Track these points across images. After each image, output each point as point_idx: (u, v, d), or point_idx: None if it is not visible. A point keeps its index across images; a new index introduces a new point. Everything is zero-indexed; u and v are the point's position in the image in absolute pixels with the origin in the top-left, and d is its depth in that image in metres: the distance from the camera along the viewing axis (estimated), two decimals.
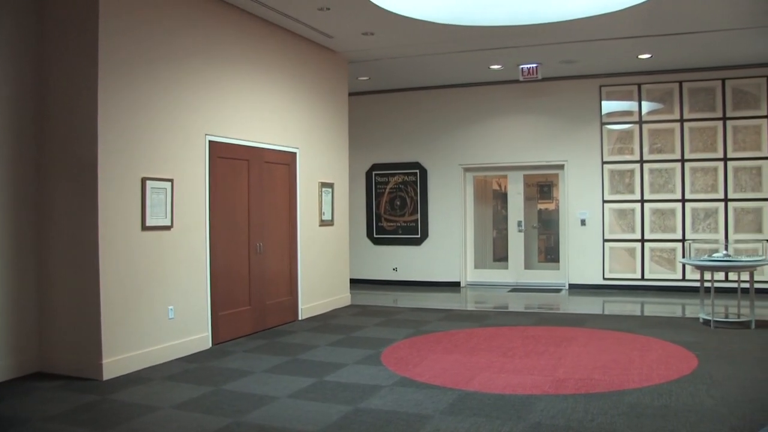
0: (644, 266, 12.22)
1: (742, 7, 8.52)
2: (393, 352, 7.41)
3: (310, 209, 9.91)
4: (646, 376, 6.22)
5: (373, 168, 13.98)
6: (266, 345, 7.91)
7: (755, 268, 8.64)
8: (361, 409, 5.37)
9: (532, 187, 13.74)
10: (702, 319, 8.86)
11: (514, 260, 13.44)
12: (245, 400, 5.64)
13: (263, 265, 8.79)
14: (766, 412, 5.08)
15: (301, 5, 8.42)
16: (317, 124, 10.15)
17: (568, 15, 8.81)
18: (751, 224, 11.68)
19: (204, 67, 7.75)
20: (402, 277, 13.70)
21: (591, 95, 12.53)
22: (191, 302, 7.50)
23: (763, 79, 11.62)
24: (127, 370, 6.54)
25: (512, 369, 6.58)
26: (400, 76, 12.48)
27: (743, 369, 6.41)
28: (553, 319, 9.56)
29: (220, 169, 7.99)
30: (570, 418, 5.03)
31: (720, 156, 11.82)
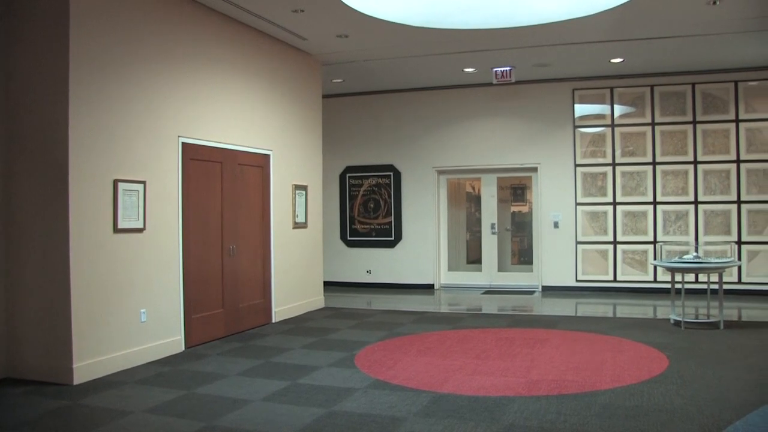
0: (616, 268, 12.32)
1: (710, 15, 8.64)
2: (367, 355, 7.40)
3: (284, 212, 9.88)
4: (618, 376, 6.27)
5: (347, 170, 13.97)
6: (239, 348, 7.86)
7: (724, 269, 8.75)
8: (335, 411, 5.35)
9: (506, 189, 13.81)
10: (673, 320, 8.95)
11: (488, 262, 13.49)
12: (218, 404, 5.60)
13: (236, 268, 8.75)
14: (734, 411, 5.14)
15: (275, 7, 8.39)
16: (291, 126, 10.12)
17: (542, 19, 8.86)
18: (720, 226, 11.83)
19: (177, 69, 7.70)
20: (376, 280, 13.69)
21: (564, 98, 12.63)
22: (164, 305, 7.44)
23: (731, 84, 11.79)
24: (98, 375, 6.46)
25: (486, 371, 6.60)
26: (374, 78, 12.49)
27: (712, 369, 6.49)
28: (526, 321, 9.61)
29: (193, 171, 7.94)
30: (543, 419, 5.06)
31: (690, 159, 11.96)
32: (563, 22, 8.86)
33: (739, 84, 11.76)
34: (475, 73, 11.96)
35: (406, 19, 8.89)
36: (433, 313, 10.54)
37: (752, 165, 11.69)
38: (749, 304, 10.69)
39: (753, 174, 11.69)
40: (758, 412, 5.15)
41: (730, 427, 4.78)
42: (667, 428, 4.81)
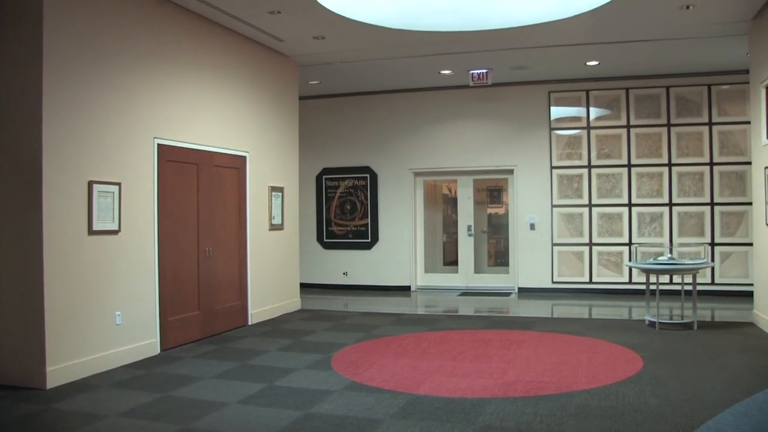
0: (592, 270, 12.40)
1: (683, 20, 8.73)
2: (343, 357, 7.38)
3: (260, 213, 9.84)
4: (594, 377, 6.30)
5: (324, 172, 13.94)
6: (216, 350, 7.82)
7: (698, 270, 8.84)
8: (312, 414, 5.33)
9: (482, 191, 13.85)
10: (647, 320, 9.02)
11: (464, 264, 13.52)
12: (194, 407, 5.56)
13: (212, 270, 8.69)
14: (707, 410, 5.20)
15: (252, 8, 8.36)
16: (267, 128, 10.09)
17: (518, 22, 8.90)
18: (694, 228, 11.95)
19: (153, 70, 7.64)
20: (352, 282, 13.68)
21: (540, 101, 12.69)
22: (139, 308, 7.37)
23: (704, 87, 11.92)
24: (72, 378, 6.38)
25: (462, 372, 6.61)
26: (351, 80, 12.48)
27: (686, 369, 6.56)
28: (502, 323, 9.63)
29: (169, 172, 7.88)
30: (519, 421, 5.07)
31: (665, 161, 12.08)
32: (539, 24, 8.91)
33: (711, 88, 11.90)
34: (451, 75, 11.99)
35: (382, 21, 8.89)
36: (410, 314, 10.54)
37: (725, 167, 11.83)
38: (722, 305, 10.81)
39: (725, 176, 11.83)
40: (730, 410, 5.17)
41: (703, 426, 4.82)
42: (642, 428, 4.84)
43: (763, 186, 8.50)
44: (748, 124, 10.60)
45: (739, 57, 10.41)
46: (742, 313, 9.81)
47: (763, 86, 8.58)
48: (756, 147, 9.04)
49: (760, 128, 8.72)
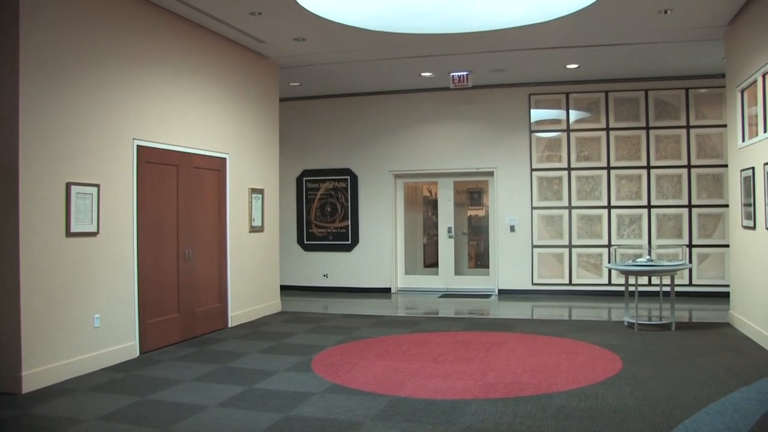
0: (572, 271, 12.47)
1: (661, 24, 8.81)
2: (324, 359, 7.37)
3: (240, 215, 9.80)
4: (574, 378, 6.34)
5: (304, 174, 13.91)
6: (195, 353, 7.78)
7: (676, 272, 8.92)
8: (292, 416, 5.32)
9: (462, 193, 13.88)
10: (626, 322, 9.08)
11: (445, 266, 13.54)
12: (174, 410, 5.53)
13: (192, 272, 8.65)
14: (684, 409, 5.25)
15: (233, 9, 8.33)
16: (248, 130, 10.06)
17: (498, 25, 8.94)
18: (672, 230, 12.05)
19: (132, 71, 7.59)
20: (333, 284, 13.66)
21: (520, 103, 12.75)
22: (118, 310, 7.32)
23: (682, 91, 12.04)
24: (49, 382, 6.31)
25: (443, 374, 6.62)
26: (332, 82, 12.47)
27: (664, 369, 6.61)
28: (483, 325, 9.66)
29: (148, 174, 7.84)
30: (499, 422, 5.09)
31: (644, 164, 12.17)
32: (520, 28, 8.95)
33: (689, 91, 12.01)
34: (432, 77, 12.01)
35: (363, 23, 8.90)
36: (390, 316, 10.54)
37: (702, 170, 11.95)
38: (699, 306, 10.91)
39: (703, 179, 11.94)
40: (706, 410, 5.28)
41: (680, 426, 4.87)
42: (621, 428, 4.88)
43: (740, 188, 8.59)
44: (724, 127, 10.71)
45: (715, 61, 10.52)
46: (718, 313, 9.91)
47: (738, 90, 8.68)
48: (732, 150, 9.14)
49: (736, 131, 8.81)
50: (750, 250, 8.22)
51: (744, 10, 8.28)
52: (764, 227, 7.52)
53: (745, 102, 8.59)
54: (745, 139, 8.53)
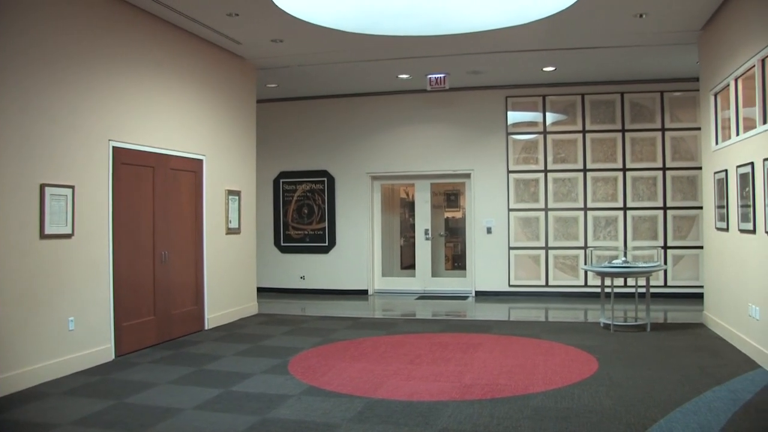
0: (548, 273, 12.53)
1: (637, 28, 8.90)
2: (300, 361, 7.35)
3: (217, 217, 9.75)
4: (550, 379, 6.37)
5: (281, 176, 13.87)
6: (171, 356, 7.72)
7: (651, 273, 8.99)
8: (269, 419, 5.30)
9: (440, 195, 13.91)
10: (602, 323, 9.14)
11: (422, 268, 13.55)
12: (149, 413, 5.48)
13: (168, 274, 8.59)
14: (659, 409, 5.30)
15: (210, 10, 8.29)
16: (224, 131, 10.01)
17: (475, 27, 8.97)
18: (647, 232, 12.15)
19: (108, 71, 7.52)
20: (310, 286, 13.62)
21: (497, 106, 12.80)
22: (93, 313, 7.24)
23: (657, 94, 12.15)
24: (22, 387, 6.21)
25: (420, 376, 6.63)
26: (309, 83, 12.44)
27: (639, 370, 6.67)
28: (459, 326, 9.68)
29: (124, 175, 7.77)
30: (476, 423, 5.10)
31: (619, 166, 12.27)
32: (496, 30, 8.99)
33: (664, 94, 12.13)
34: (409, 79, 12.03)
35: (340, 25, 8.89)
36: (367, 318, 10.53)
37: (677, 172, 12.07)
38: (674, 307, 11.00)
39: (678, 181, 12.06)
40: (681, 409, 5.34)
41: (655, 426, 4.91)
42: (597, 428, 4.91)
43: (713, 191, 8.68)
44: (698, 130, 10.81)
45: (690, 65, 10.62)
46: (693, 314, 10.00)
47: (712, 94, 8.77)
48: (706, 153, 9.23)
49: (710, 134, 8.91)
50: (723, 251, 8.31)
51: (716, 15, 8.38)
52: (737, 229, 7.61)
53: (718, 105, 8.69)
54: (718, 142, 8.62)
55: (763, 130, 6.68)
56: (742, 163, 7.34)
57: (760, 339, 6.88)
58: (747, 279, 7.33)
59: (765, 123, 6.71)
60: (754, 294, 7.06)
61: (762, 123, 6.78)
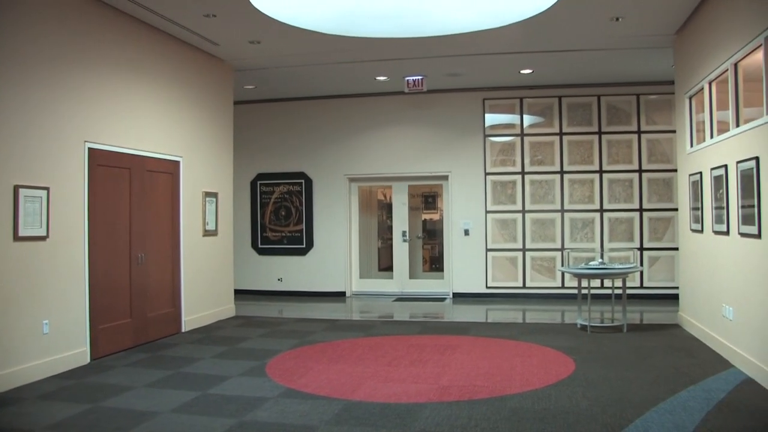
0: (525, 275, 12.58)
1: (613, 31, 8.96)
2: (278, 364, 7.32)
3: (194, 219, 9.69)
4: (527, 381, 6.39)
5: (258, 177, 13.82)
6: (148, 358, 7.66)
7: (627, 275, 9.06)
8: (246, 422, 5.27)
9: (417, 197, 13.94)
10: (579, 324, 9.20)
11: (399, 270, 13.57)
12: (125, 417, 5.43)
13: (145, 277, 8.53)
14: (635, 409, 5.35)
15: (187, 11, 8.24)
16: (202, 133, 9.95)
17: (453, 29, 8.99)
18: (624, 233, 12.24)
19: (84, 71, 7.44)
20: (287, 288, 13.58)
21: (475, 108, 12.84)
22: (68, 316, 7.16)
23: (633, 97, 12.25)
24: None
25: (397, 378, 6.63)
26: (287, 85, 12.41)
27: (615, 370, 6.71)
28: (437, 328, 9.70)
29: (100, 177, 7.70)
30: (454, 425, 5.11)
31: (596, 168, 12.35)
32: (474, 33, 9.02)
33: (640, 97, 12.24)
34: (387, 81, 12.03)
35: (318, 27, 8.87)
36: (345, 320, 10.52)
37: (652, 174, 12.17)
38: (650, 308, 11.09)
39: (653, 183, 12.17)
40: (656, 409, 5.39)
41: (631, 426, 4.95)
42: (574, 429, 4.94)
43: (688, 193, 8.76)
44: (674, 132, 10.92)
45: (665, 68, 10.72)
46: (668, 315, 10.08)
47: (687, 97, 8.86)
48: (681, 155, 9.32)
49: (685, 137, 9.00)
50: (698, 253, 8.39)
51: (690, 19, 8.47)
52: (711, 231, 7.68)
53: (693, 109, 8.78)
54: (693, 145, 8.71)
55: (737, 133, 6.76)
56: (716, 165, 7.42)
57: (734, 339, 6.96)
58: (721, 280, 7.40)
59: (738, 126, 6.78)
60: (728, 295, 7.14)
61: (735, 126, 6.85)
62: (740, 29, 6.63)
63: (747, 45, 6.42)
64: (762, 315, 6.14)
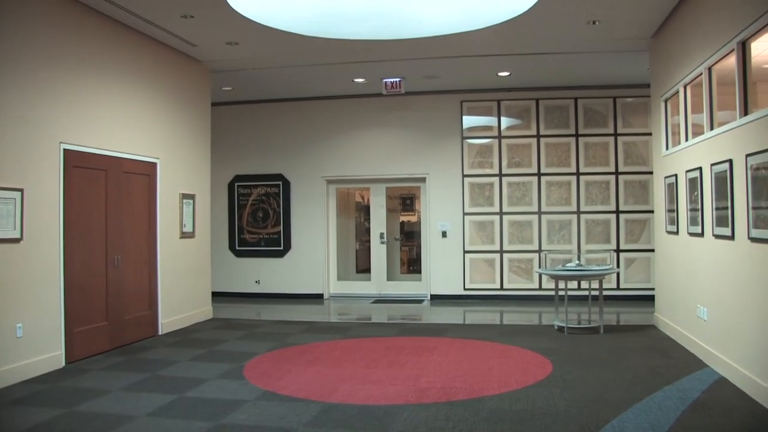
0: (503, 276, 12.63)
1: (590, 34, 9.03)
2: (256, 366, 7.29)
3: (171, 221, 9.63)
4: (505, 382, 6.41)
5: (236, 179, 13.77)
6: (124, 362, 7.60)
7: (604, 276, 9.12)
8: (224, 425, 5.24)
9: (395, 199, 13.95)
10: (557, 325, 9.25)
11: (377, 272, 13.57)
12: (101, 421, 5.38)
13: (121, 279, 8.46)
14: (611, 410, 5.39)
15: (164, 12, 8.19)
16: (179, 134, 9.90)
17: (431, 32, 9.01)
18: (600, 235, 12.33)
19: (59, 72, 7.37)
20: (265, 290, 13.54)
21: (452, 110, 12.87)
22: (43, 319, 7.08)
23: (610, 99, 12.35)
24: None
25: (375, 380, 6.62)
26: (264, 87, 12.37)
27: (592, 371, 6.76)
28: (415, 330, 9.71)
29: (76, 179, 7.63)
30: (432, 427, 5.11)
31: (573, 171, 12.42)
32: (452, 35, 9.04)
33: (617, 100, 12.34)
34: (365, 83, 12.03)
35: (296, 28, 8.86)
36: (323, 322, 10.50)
37: (629, 177, 12.27)
38: (626, 309, 11.17)
39: (630, 185, 12.27)
40: (632, 409, 5.44)
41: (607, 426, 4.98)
42: (551, 430, 4.96)
43: (664, 195, 8.84)
44: (650, 135, 11.01)
45: (641, 72, 10.80)
46: (644, 316, 10.16)
47: (662, 100, 8.94)
48: (657, 157, 9.41)
49: (661, 140, 9.08)
50: (673, 254, 8.47)
51: (666, 24, 8.56)
52: (687, 232, 7.75)
53: (669, 111, 8.86)
54: (668, 148, 8.79)
55: (711, 136, 6.83)
56: (691, 168, 7.50)
57: (708, 339, 7.03)
58: (696, 281, 7.48)
59: (712, 129, 6.86)
60: (703, 295, 7.21)
61: (709, 129, 6.93)
62: (714, 34, 6.70)
63: (721, 49, 6.50)
64: (736, 315, 6.21)
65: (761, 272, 5.59)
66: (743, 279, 6.01)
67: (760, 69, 6.09)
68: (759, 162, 5.55)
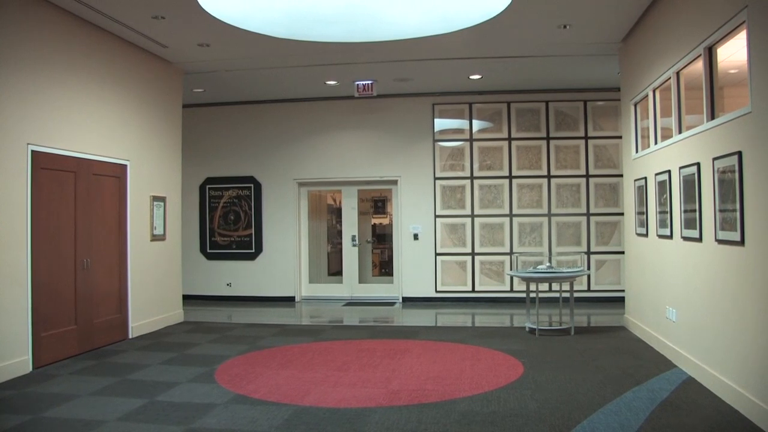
0: (475, 279, 12.68)
1: (561, 38, 9.10)
2: (227, 369, 7.25)
3: (141, 223, 9.54)
4: (477, 384, 6.44)
5: (207, 182, 13.68)
6: (94, 366, 7.51)
7: (575, 278, 9.19)
8: (195, 429, 5.20)
9: (367, 202, 13.94)
10: (528, 327, 9.30)
11: (349, 274, 13.55)
12: (69, 427, 5.31)
13: (90, 282, 8.36)
14: (582, 411, 5.43)
15: (134, 12, 8.12)
16: (149, 136, 9.81)
17: (403, 34, 9.03)
18: (571, 238, 12.42)
19: (27, 72, 7.27)
20: (236, 293, 13.46)
21: (424, 113, 12.90)
22: (9, 323, 6.97)
23: (581, 103, 12.46)
24: None
25: (347, 382, 6.61)
26: (236, 88, 12.32)
27: (563, 372, 6.80)
28: (387, 332, 9.71)
29: (44, 180, 7.53)
30: (404, 429, 5.12)
31: (544, 173, 12.51)
32: (424, 38, 9.07)
33: (587, 103, 12.45)
34: (337, 85, 12.02)
35: (268, 30, 8.83)
36: (295, 325, 10.47)
37: (599, 179, 12.39)
38: (597, 311, 11.27)
39: (600, 188, 12.38)
40: (602, 410, 5.48)
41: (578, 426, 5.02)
42: (523, 431, 4.99)
43: (633, 197, 8.93)
44: (620, 138, 11.13)
45: (611, 75, 10.93)
46: (615, 317, 10.26)
47: (632, 104, 9.04)
48: (627, 160, 9.50)
49: (631, 143, 9.18)
50: (643, 256, 8.56)
51: (635, 28, 8.65)
52: (656, 235, 7.84)
53: (638, 115, 8.96)
54: (638, 151, 8.89)
55: (679, 140, 6.92)
56: (660, 171, 7.59)
57: (677, 340, 7.11)
58: (665, 283, 7.56)
59: (681, 133, 6.95)
60: (672, 297, 7.29)
61: (678, 133, 7.02)
62: (682, 39, 6.79)
63: (688, 54, 6.58)
64: (703, 316, 6.29)
65: (727, 274, 5.68)
66: (711, 280, 6.09)
67: (726, 74, 6.19)
68: (725, 165, 5.63)
